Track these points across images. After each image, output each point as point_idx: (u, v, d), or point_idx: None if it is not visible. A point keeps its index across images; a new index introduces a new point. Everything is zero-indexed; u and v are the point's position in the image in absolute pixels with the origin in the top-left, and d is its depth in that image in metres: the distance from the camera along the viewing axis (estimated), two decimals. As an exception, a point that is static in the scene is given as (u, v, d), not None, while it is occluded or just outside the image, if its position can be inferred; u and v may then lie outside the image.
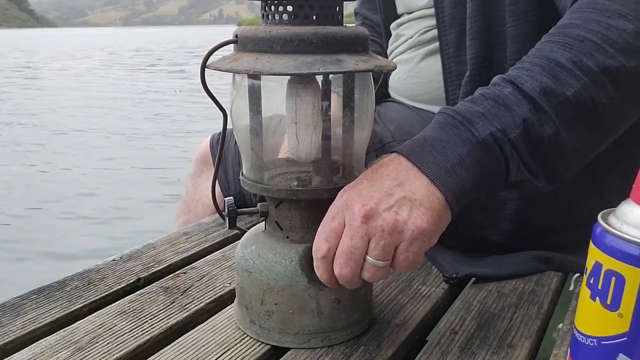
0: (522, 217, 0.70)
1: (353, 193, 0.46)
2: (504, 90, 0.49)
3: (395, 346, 0.53)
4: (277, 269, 0.51)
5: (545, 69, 0.49)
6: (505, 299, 0.62)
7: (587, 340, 0.40)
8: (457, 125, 0.48)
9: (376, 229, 0.44)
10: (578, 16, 0.53)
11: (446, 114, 0.50)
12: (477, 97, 0.50)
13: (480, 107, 0.49)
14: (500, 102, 0.49)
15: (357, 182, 0.47)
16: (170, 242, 0.78)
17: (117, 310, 0.59)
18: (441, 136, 0.48)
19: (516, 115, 0.48)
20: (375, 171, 0.47)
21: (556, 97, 0.48)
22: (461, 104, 0.51)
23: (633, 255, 0.36)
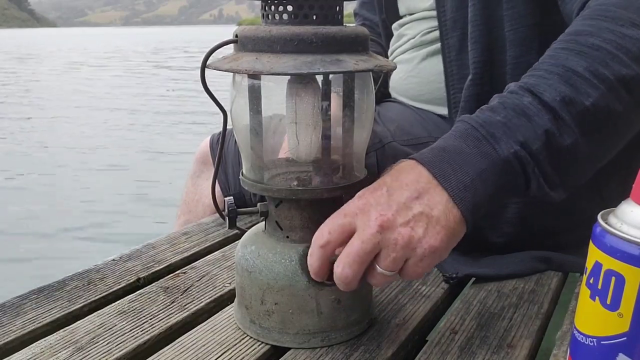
0: (522, 219, 0.70)
1: (372, 199, 0.46)
2: (523, 99, 0.49)
3: (395, 346, 0.53)
4: (277, 268, 0.51)
5: (563, 77, 0.49)
6: (505, 299, 0.62)
7: (587, 340, 0.40)
8: (479, 138, 0.48)
9: (390, 241, 0.44)
10: (590, 24, 0.52)
11: (468, 124, 0.49)
12: (496, 106, 0.50)
13: (501, 117, 0.48)
14: (520, 111, 0.48)
15: (377, 188, 0.46)
16: (170, 242, 0.78)
17: (117, 310, 0.59)
18: (462, 148, 0.47)
19: (537, 126, 0.47)
20: (395, 178, 0.47)
21: (575, 106, 0.48)
22: (481, 112, 0.50)
23: (633, 255, 0.36)
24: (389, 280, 0.47)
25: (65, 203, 3.11)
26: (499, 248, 0.71)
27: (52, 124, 5.44)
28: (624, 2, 0.53)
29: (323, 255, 0.47)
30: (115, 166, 3.90)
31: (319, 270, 0.47)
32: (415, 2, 0.83)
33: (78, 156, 4.18)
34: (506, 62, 0.67)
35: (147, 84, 8.86)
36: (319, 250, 0.46)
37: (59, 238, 2.61)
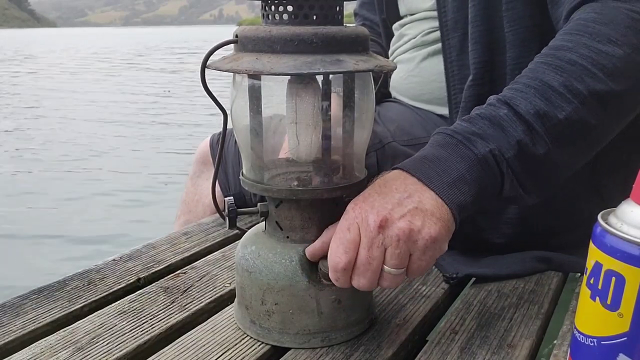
0: (522, 220, 0.70)
1: (366, 205, 0.47)
2: (499, 111, 0.52)
3: (396, 346, 0.53)
4: (277, 269, 0.51)
5: (539, 91, 0.52)
6: (506, 299, 0.62)
7: (587, 340, 0.40)
8: (456, 144, 0.51)
9: (392, 239, 0.45)
10: (569, 39, 0.55)
11: (445, 134, 0.52)
12: (474, 117, 0.53)
13: (476, 128, 0.51)
14: (496, 122, 0.51)
15: (367, 196, 0.48)
16: (170, 242, 0.78)
17: (117, 310, 0.59)
18: (441, 154, 0.50)
19: (511, 137, 0.50)
20: (383, 185, 0.49)
21: (549, 119, 0.51)
22: (457, 124, 0.53)
23: (633, 255, 0.36)
24: (398, 281, 0.48)
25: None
26: (499, 249, 0.71)
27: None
28: (604, 18, 0.54)
29: (348, 276, 0.48)
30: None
31: (347, 287, 0.49)
32: (416, 3, 0.83)
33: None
34: (506, 63, 0.67)
35: (108, 88, 8.23)
36: (344, 274, 0.48)
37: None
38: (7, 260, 2.32)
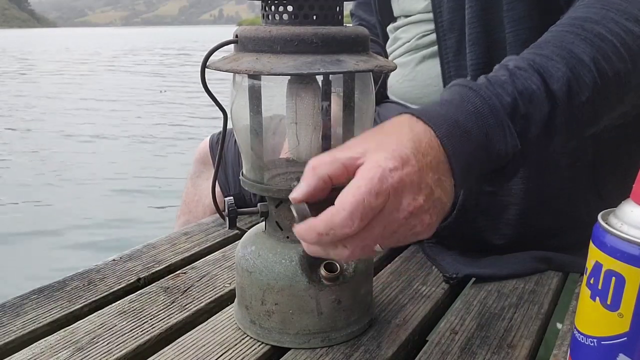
0: (522, 221, 0.70)
1: (406, 177, 0.39)
2: (531, 83, 0.47)
3: (395, 346, 0.53)
4: (277, 269, 0.51)
5: (569, 64, 0.48)
6: (506, 299, 0.62)
7: (587, 340, 0.40)
8: (492, 125, 0.45)
9: (409, 225, 0.41)
10: (596, 12, 0.52)
11: (479, 104, 0.46)
12: (507, 81, 0.47)
13: (510, 99, 0.46)
14: (528, 97, 0.47)
15: (406, 161, 0.40)
16: (170, 242, 0.78)
17: (117, 310, 0.59)
18: (473, 129, 0.44)
19: (537, 116, 0.47)
20: (420, 152, 0.41)
21: (573, 101, 0.48)
22: (490, 90, 0.47)
23: (633, 255, 0.36)
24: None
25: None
26: (500, 249, 0.71)
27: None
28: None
29: (336, 240, 0.41)
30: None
31: (324, 254, 0.43)
32: (411, 4, 0.83)
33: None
34: None
35: (79, 92, 8.06)
36: (338, 237, 0.40)
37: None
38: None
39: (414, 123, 0.43)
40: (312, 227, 0.40)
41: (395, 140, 0.41)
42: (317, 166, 0.41)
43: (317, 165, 0.41)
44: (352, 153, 0.41)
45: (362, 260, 0.53)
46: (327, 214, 0.39)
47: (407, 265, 0.71)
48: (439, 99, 0.47)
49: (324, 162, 0.41)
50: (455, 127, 0.44)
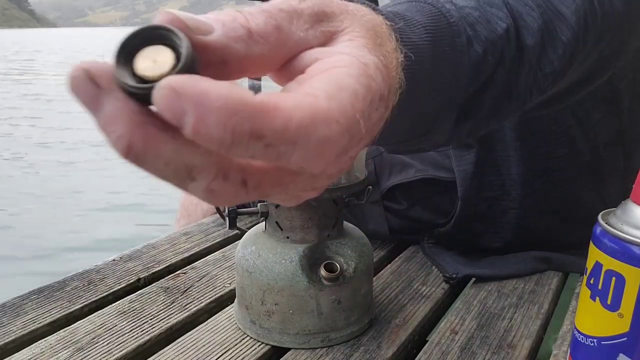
0: (522, 224, 0.70)
1: (389, 80, 0.25)
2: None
3: (395, 346, 0.53)
4: (277, 269, 0.51)
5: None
6: (506, 299, 0.62)
7: (587, 341, 0.40)
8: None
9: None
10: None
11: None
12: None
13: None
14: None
15: (391, 68, 0.25)
16: (170, 242, 0.78)
17: (117, 310, 0.59)
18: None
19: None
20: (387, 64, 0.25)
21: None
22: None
23: (633, 255, 0.36)
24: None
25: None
26: (499, 251, 0.71)
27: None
28: None
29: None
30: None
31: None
32: None
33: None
34: None
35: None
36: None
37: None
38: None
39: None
40: (241, 98, 0.18)
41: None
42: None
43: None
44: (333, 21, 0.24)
45: (362, 260, 0.53)
46: (296, 97, 0.20)
47: (407, 265, 0.71)
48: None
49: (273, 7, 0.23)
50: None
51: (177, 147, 0.19)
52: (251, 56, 0.22)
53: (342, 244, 0.53)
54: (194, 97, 0.17)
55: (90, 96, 0.19)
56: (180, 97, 0.17)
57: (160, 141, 0.19)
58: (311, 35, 0.24)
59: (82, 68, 0.19)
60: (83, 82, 0.19)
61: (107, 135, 0.19)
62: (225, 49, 0.21)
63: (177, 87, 0.18)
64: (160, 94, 0.18)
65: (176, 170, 0.20)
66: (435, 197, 0.74)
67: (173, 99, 0.18)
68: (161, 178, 0.20)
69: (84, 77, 0.19)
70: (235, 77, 0.23)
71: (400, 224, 0.75)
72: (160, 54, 0.19)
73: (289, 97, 0.20)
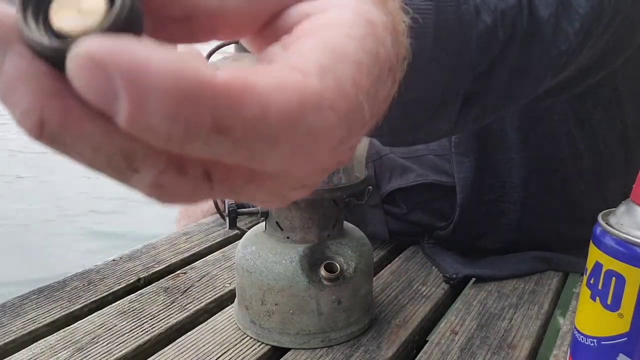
0: (522, 226, 0.70)
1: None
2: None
3: (395, 346, 0.53)
4: (278, 269, 0.51)
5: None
6: (506, 299, 0.62)
7: (587, 341, 0.40)
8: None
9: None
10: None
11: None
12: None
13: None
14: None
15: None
16: (170, 242, 0.78)
17: (117, 310, 0.59)
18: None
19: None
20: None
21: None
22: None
23: (633, 255, 0.36)
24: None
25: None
26: (499, 252, 0.71)
27: None
28: None
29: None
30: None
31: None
32: None
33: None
34: None
35: None
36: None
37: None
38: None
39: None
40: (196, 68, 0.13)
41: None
42: None
43: None
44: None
45: (362, 260, 0.53)
46: (277, 74, 0.15)
47: (407, 265, 0.71)
48: None
49: None
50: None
51: (109, 126, 0.13)
52: (225, 10, 0.16)
53: (342, 244, 0.53)
54: (126, 72, 0.12)
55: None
56: (105, 70, 0.12)
57: (83, 118, 0.13)
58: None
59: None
60: None
61: (8, 107, 0.14)
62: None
63: (99, 54, 0.12)
64: (75, 63, 0.12)
65: (109, 158, 0.14)
66: (435, 201, 0.73)
67: (95, 72, 0.12)
68: (91, 167, 0.15)
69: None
70: (201, 40, 0.17)
71: (400, 227, 0.75)
72: (86, 0, 0.13)
73: (267, 74, 0.14)
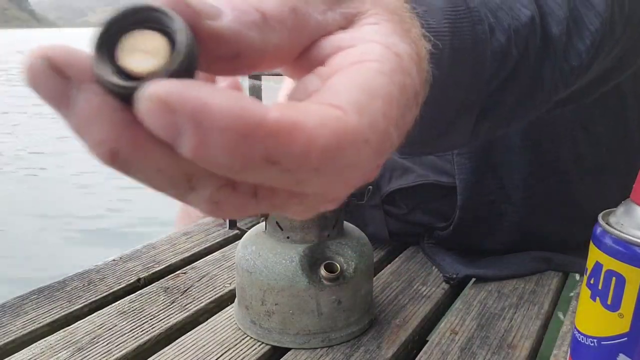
0: (523, 227, 0.70)
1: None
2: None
3: (396, 346, 0.53)
4: (278, 269, 0.51)
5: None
6: (506, 299, 0.62)
7: (588, 341, 0.40)
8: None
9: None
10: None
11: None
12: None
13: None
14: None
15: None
16: (170, 242, 0.78)
17: (117, 310, 0.59)
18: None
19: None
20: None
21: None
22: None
23: (633, 255, 0.36)
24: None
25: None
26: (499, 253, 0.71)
27: None
28: None
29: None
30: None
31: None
32: None
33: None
34: None
35: None
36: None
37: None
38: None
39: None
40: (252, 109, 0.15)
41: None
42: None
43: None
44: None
45: (362, 260, 0.53)
46: (319, 112, 0.16)
47: (407, 265, 0.71)
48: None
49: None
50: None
51: (173, 153, 0.15)
52: (267, 46, 0.18)
53: (342, 244, 0.53)
54: (192, 114, 0.14)
55: (55, 91, 0.15)
56: (173, 112, 0.14)
57: (151, 145, 0.15)
58: (330, 19, 0.20)
59: (42, 55, 0.15)
60: (45, 74, 0.15)
61: (83, 138, 0.16)
62: (238, 38, 0.17)
63: (169, 99, 0.14)
64: (146, 106, 0.14)
65: (172, 178, 0.16)
66: (435, 201, 0.73)
67: (164, 113, 0.14)
68: (153, 187, 0.17)
69: (45, 68, 0.15)
70: (246, 73, 0.19)
71: (400, 227, 0.75)
72: (150, 42, 0.15)
73: (310, 112, 0.16)
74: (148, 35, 0.15)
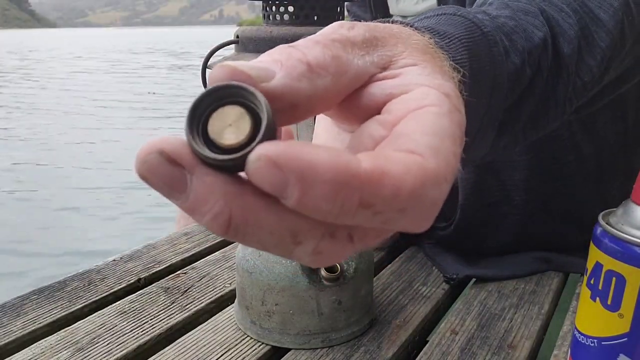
0: (523, 227, 0.70)
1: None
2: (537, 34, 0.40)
3: (396, 346, 0.53)
4: (278, 269, 0.51)
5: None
6: (506, 300, 0.62)
7: (588, 341, 0.40)
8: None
9: None
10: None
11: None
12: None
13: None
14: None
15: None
16: (170, 242, 0.78)
17: (117, 310, 0.59)
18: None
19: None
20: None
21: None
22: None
23: (633, 256, 0.36)
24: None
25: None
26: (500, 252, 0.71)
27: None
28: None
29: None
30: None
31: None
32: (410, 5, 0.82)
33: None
34: None
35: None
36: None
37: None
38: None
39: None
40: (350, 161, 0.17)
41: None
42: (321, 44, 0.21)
43: (321, 42, 0.21)
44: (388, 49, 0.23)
45: (362, 260, 0.53)
46: (403, 160, 0.18)
47: (407, 265, 0.71)
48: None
49: (332, 39, 0.22)
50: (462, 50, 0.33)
51: (281, 213, 0.17)
52: (317, 92, 0.20)
53: (342, 244, 0.53)
54: (297, 170, 0.16)
55: (173, 179, 0.17)
56: (281, 169, 0.16)
57: (261, 210, 0.17)
58: (369, 62, 0.22)
59: (156, 149, 0.17)
60: (161, 166, 0.17)
61: (201, 216, 0.17)
62: (292, 91, 0.20)
63: (276, 159, 0.16)
64: (256, 166, 0.16)
65: (281, 238, 0.18)
66: None
67: (273, 171, 0.16)
68: (263, 248, 0.19)
69: (161, 160, 0.17)
70: (303, 119, 0.21)
71: None
72: (232, 115, 0.18)
73: (396, 160, 0.18)
74: (227, 110, 0.18)
